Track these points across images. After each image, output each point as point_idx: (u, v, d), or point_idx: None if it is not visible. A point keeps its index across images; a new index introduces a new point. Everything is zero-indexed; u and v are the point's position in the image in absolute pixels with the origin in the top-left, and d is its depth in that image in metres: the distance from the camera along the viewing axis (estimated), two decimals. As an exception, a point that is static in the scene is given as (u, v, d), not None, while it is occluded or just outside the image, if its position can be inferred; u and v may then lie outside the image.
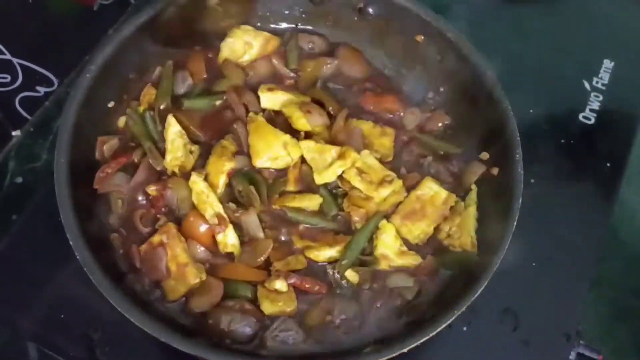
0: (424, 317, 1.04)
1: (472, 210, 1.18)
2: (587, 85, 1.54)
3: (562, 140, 1.44)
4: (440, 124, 1.29)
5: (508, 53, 1.43)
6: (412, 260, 1.15)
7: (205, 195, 1.12)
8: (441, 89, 1.32)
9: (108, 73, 1.16)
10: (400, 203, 1.19)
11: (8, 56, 1.33)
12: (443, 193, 1.19)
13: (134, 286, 1.07)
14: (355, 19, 1.35)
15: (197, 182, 1.13)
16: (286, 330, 1.05)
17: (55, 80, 1.48)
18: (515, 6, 1.65)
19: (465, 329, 1.18)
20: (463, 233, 1.17)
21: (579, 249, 1.30)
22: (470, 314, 1.11)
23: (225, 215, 1.11)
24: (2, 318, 1.17)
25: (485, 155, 1.21)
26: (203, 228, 1.12)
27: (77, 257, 0.98)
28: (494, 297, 1.16)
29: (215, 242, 1.13)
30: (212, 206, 1.12)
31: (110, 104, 1.22)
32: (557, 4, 1.66)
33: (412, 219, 1.17)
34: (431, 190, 1.19)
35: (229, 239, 1.12)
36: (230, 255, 1.13)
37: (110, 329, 1.14)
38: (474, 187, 1.21)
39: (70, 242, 0.99)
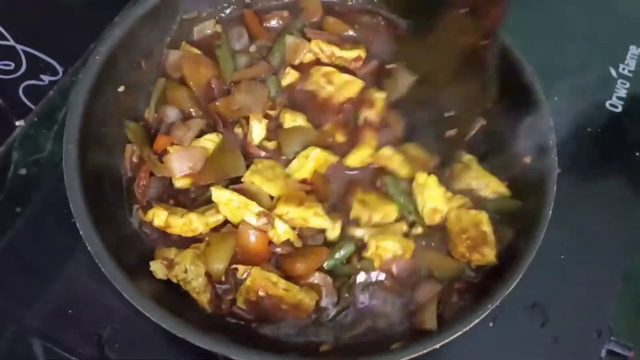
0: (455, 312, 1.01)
1: (474, 162, 1.18)
2: (613, 72, 1.51)
3: (589, 129, 1.41)
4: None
5: (531, 42, 1.37)
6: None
7: (235, 200, 1.07)
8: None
9: (118, 57, 1.12)
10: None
11: (12, 42, 1.29)
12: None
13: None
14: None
15: (221, 193, 1.08)
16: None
17: (60, 69, 1.44)
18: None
19: (491, 324, 1.14)
20: (487, 181, 1.16)
21: (610, 242, 1.27)
22: (496, 309, 1.06)
23: (265, 210, 1.07)
24: (8, 313, 1.13)
25: (527, 159, 1.16)
26: (253, 237, 1.07)
27: (89, 248, 0.95)
28: (522, 291, 1.09)
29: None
30: (248, 207, 1.07)
31: (121, 89, 1.17)
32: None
33: None
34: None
35: (279, 229, 1.08)
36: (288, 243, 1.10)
37: (120, 324, 1.10)
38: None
39: (81, 232, 0.96)
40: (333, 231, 1.10)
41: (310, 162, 1.13)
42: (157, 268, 1.05)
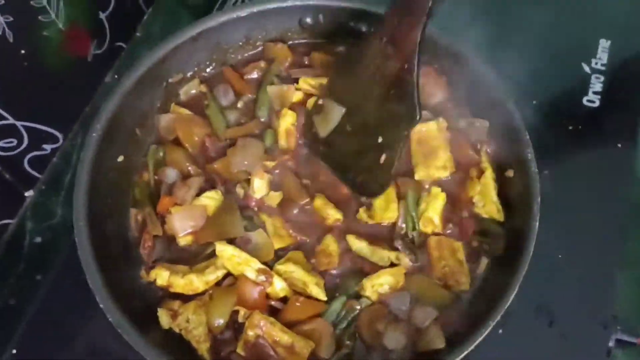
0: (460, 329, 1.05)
1: (489, 174, 1.20)
2: (586, 68, 1.54)
3: (570, 127, 1.44)
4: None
5: (501, 45, 1.40)
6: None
7: (237, 256, 1.12)
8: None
9: (113, 130, 1.17)
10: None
11: (11, 120, 1.34)
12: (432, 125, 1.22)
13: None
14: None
15: (224, 249, 1.12)
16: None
17: (60, 136, 1.49)
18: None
19: (500, 331, 1.17)
20: (486, 200, 1.19)
21: (603, 234, 1.30)
22: (503, 316, 1.10)
23: (265, 267, 1.11)
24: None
25: (510, 173, 1.20)
26: (255, 292, 1.11)
27: (110, 319, 0.99)
28: (525, 295, 1.13)
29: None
30: (249, 264, 1.11)
31: (120, 159, 1.22)
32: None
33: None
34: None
35: (277, 286, 1.12)
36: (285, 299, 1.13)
37: None
38: (484, 152, 1.23)
39: (101, 306, 1.01)
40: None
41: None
42: (163, 316, 1.09)
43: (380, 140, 1.15)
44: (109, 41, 1.59)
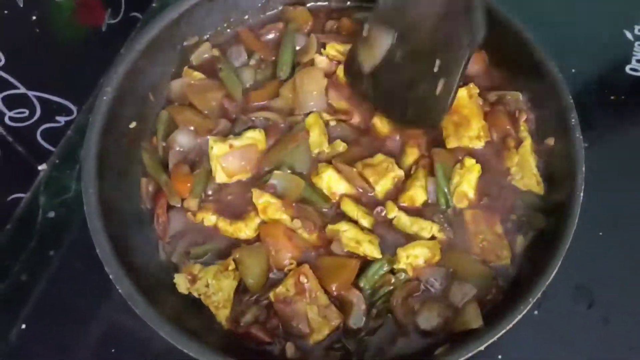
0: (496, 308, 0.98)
1: (528, 144, 1.14)
2: (629, 35, 1.46)
3: (612, 97, 1.37)
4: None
5: (540, 17, 1.34)
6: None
7: (273, 203, 1.09)
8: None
9: (125, 94, 1.12)
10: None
11: (23, 90, 1.30)
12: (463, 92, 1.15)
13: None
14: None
15: (260, 195, 1.09)
16: None
17: (74, 108, 1.44)
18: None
19: (536, 312, 1.11)
20: (525, 171, 1.12)
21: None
22: (540, 296, 1.04)
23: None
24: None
25: (550, 142, 1.13)
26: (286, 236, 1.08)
27: (120, 290, 0.95)
28: (563, 275, 1.07)
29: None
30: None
31: (132, 125, 1.17)
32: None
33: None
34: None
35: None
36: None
37: (157, 357, 1.10)
38: (522, 121, 1.16)
39: (110, 276, 0.96)
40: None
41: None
42: (181, 281, 1.05)
43: (436, 66, 1.04)
44: (124, 11, 1.54)
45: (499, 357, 1.08)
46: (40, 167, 1.39)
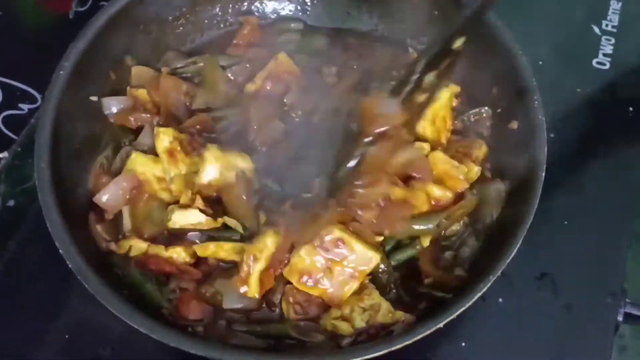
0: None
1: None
2: (596, 29, 1.47)
3: (578, 89, 1.37)
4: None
5: (511, 5, 1.34)
6: None
7: None
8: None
9: (84, 68, 1.10)
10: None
11: (-16, 74, 1.27)
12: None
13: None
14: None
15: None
16: None
17: (38, 96, 1.42)
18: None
19: (500, 300, 1.10)
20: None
21: (613, 203, 1.22)
22: (504, 284, 1.05)
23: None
24: (12, 352, 1.11)
25: (514, 125, 1.11)
26: None
27: (70, 266, 0.92)
28: (527, 263, 1.10)
29: None
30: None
31: (93, 98, 1.15)
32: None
33: None
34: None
35: None
36: None
37: (121, 345, 1.07)
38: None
39: (60, 251, 0.94)
40: None
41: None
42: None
43: None
44: (93, -1, 1.53)
45: (462, 344, 1.06)
46: (0, 155, 1.37)
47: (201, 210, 1.03)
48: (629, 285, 1.15)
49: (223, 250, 1.03)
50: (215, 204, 1.06)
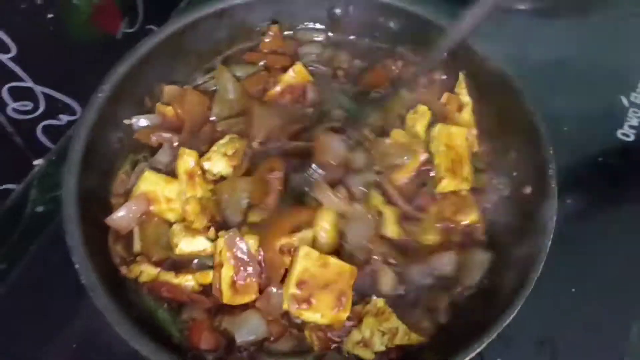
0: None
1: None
2: (624, 101, 1.48)
3: (600, 159, 1.38)
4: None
5: (542, 69, 1.38)
6: None
7: None
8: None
9: (122, 92, 1.15)
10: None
11: (30, 84, 1.33)
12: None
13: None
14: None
15: None
16: None
17: (79, 109, 1.47)
18: (550, 20, 1.59)
19: (499, 360, 1.10)
20: None
21: (623, 275, 1.22)
22: (503, 344, 1.05)
23: None
24: (20, 354, 1.14)
25: (527, 190, 1.12)
26: None
27: (83, 281, 0.96)
28: (529, 325, 1.08)
29: None
30: None
31: (127, 121, 1.20)
32: (592, 19, 1.60)
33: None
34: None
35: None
36: None
37: None
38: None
39: (76, 265, 0.97)
40: None
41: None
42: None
43: None
44: (141, 22, 1.59)
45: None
46: (35, 162, 1.42)
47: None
48: (631, 355, 1.14)
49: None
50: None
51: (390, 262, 1.07)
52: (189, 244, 1.06)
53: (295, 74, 1.25)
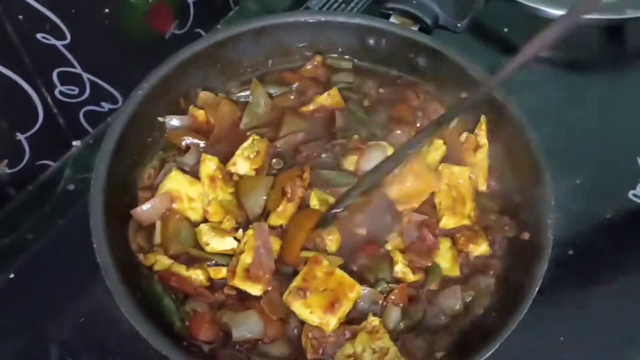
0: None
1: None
2: (640, 162, 1.49)
3: (608, 216, 1.39)
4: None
5: (559, 121, 1.41)
6: None
7: None
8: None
9: (159, 92, 1.23)
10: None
11: (79, 70, 1.41)
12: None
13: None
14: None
15: None
16: None
17: (120, 99, 1.55)
18: (570, 75, 1.64)
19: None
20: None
21: (615, 330, 1.24)
22: None
23: None
24: (31, 319, 1.22)
25: (525, 236, 1.16)
26: None
27: (98, 259, 1.03)
28: None
29: None
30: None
31: (160, 119, 1.27)
32: (614, 76, 1.63)
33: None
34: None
35: None
36: None
37: (127, 341, 1.12)
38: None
39: (94, 245, 1.04)
40: None
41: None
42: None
43: None
44: (191, 26, 1.66)
45: None
46: (74, 143, 1.50)
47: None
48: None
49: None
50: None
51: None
52: (220, 243, 1.13)
53: (330, 97, 1.32)
